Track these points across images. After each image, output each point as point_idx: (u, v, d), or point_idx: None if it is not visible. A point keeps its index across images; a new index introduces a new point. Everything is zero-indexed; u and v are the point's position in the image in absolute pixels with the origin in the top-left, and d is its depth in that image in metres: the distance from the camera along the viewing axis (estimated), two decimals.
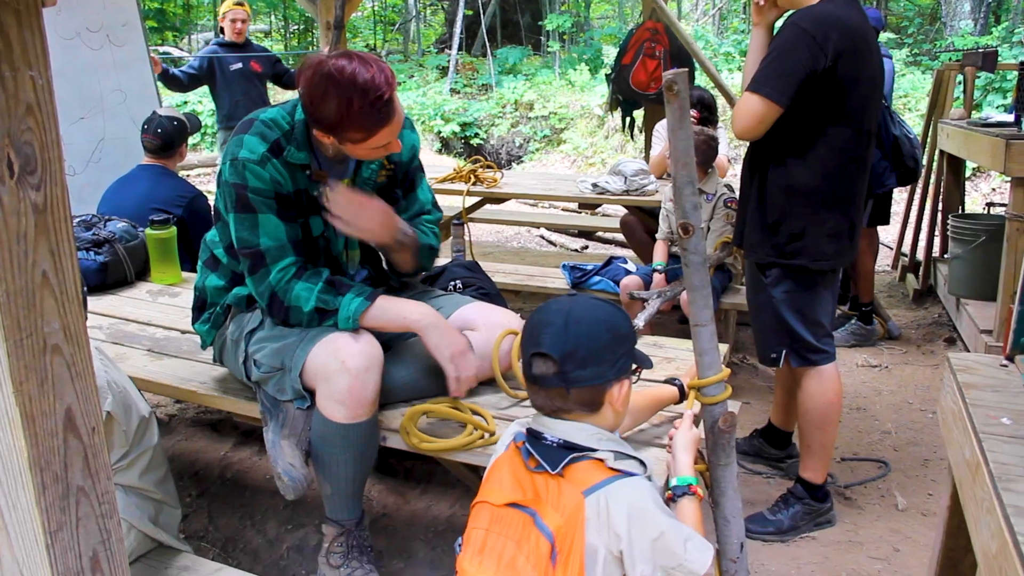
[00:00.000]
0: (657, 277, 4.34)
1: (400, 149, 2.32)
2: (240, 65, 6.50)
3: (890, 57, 5.12)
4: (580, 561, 1.59)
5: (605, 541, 1.59)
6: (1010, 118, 4.67)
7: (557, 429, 1.71)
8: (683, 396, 2.16)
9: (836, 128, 2.76)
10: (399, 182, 2.59)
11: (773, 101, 2.67)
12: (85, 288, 1.98)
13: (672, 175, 1.76)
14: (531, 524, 1.63)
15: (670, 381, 2.30)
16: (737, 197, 4.16)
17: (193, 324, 2.63)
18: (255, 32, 16.55)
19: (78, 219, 3.63)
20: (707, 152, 4.24)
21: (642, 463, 1.74)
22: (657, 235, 4.58)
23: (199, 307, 2.60)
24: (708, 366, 1.86)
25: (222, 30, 6.67)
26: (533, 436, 1.74)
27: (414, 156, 2.62)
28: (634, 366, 1.79)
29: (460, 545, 1.79)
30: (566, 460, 1.66)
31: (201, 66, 6.50)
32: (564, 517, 1.61)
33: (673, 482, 1.85)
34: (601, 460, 1.68)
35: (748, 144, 2.95)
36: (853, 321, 5.08)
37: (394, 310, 2.32)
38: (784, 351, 2.97)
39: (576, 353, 1.67)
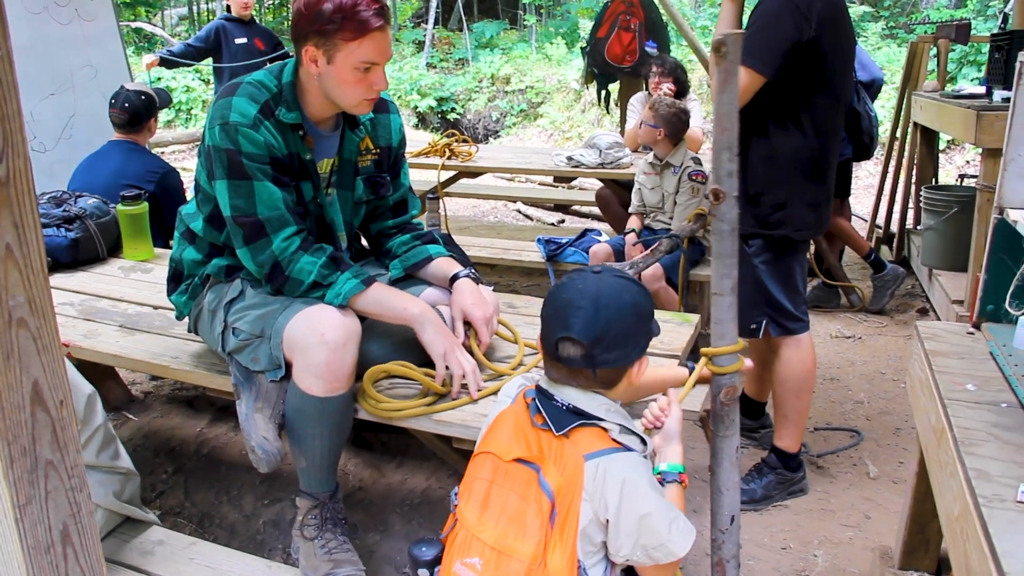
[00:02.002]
0: (631, 239, 4.34)
1: (387, 87, 2.30)
2: (245, 40, 6.54)
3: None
4: (576, 522, 1.62)
5: (595, 507, 1.63)
6: (982, 90, 4.69)
7: (568, 394, 1.73)
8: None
9: (818, 97, 2.77)
10: (387, 167, 2.58)
11: (758, 72, 2.66)
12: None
13: (713, 138, 1.74)
14: (535, 480, 1.66)
15: (684, 364, 2.28)
16: (703, 170, 4.19)
17: (169, 296, 2.60)
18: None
19: (49, 196, 3.60)
20: (677, 125, 4.25)
21: (643, 441, 1.76)
22: (630, 208, 4.59)
23: (175, 278, 2.58)
24: (722, 335, 1.84)
25: (228, 7, 6.69)
26: (543, 395, 1.75)
27: (402, 139, 2.62)
28: None
29: (456, 494, 1.80)
30: (573, 424, 1.68)
31: (208, 37, 6.54)
32: (564, 476, 1.63)
33: (661, 467, 1.85)
34: (606, 430, 1.70)
35: None
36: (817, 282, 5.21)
37: (394, 301, 2.30)
38: (764, 321, 2.99)
39: (605, 338, 1.68)
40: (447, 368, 2.28)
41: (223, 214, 2.29)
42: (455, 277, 2.49)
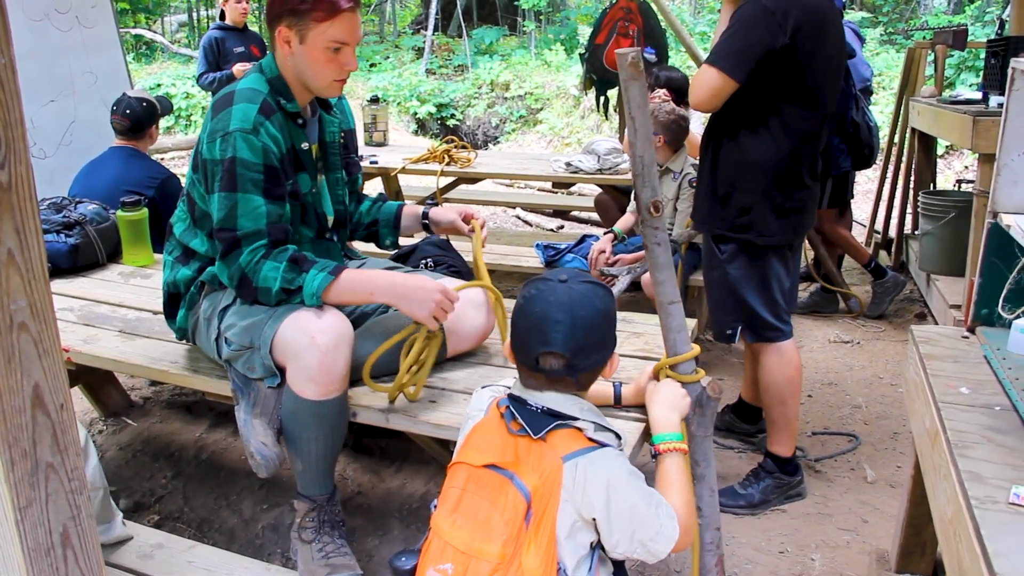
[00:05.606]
0: (598, 247, 4.34)
1: (356, 67, 2.38)
2: (243, 48, 6.43)
3: (862, 40, 5.15)
4: (552, 523, 1.63)
5: (578, 506, 1.64)
6: (979, 95, 4.70)
7: (545, 399, 1.75)
8: (617, 402, 2.20)
9: (791, 106, 2.79)
10: (352, 148, 2.67)
11: (728, 75, 2.70)
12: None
13: (638, 155, 1.76)
14: (508, 484, 1.67)
15: (614, 384, 2.26)
16: None
17: (168, 319, 2.61)
18: None
19: (49, 201, 3.61)
20: (676, 131, 4.25)
21: (617, 436, 1.79)
22: (628, 209, 4.59)
23: (171, 302, 2.58)
24: (681, 343, 1.86)
25: (223, 14, 6.54)
26: (517, 401, 1.78)
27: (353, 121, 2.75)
28: None
29: (435, 505, 1.82)
30: (550, 426, 1.70)
31: (209, 59, 6.37)
32: (542, 479, 1.65)
33: (665, 440, 1.88)
34: (581, 430, 1.72)
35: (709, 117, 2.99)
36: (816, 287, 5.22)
37: (361, 285, 2.29)
38: (739, 327, 3.00)
39: (585, 347, 1.73)
40: (436, 319, 2.29)
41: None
42: (425, 214, 2.77)
